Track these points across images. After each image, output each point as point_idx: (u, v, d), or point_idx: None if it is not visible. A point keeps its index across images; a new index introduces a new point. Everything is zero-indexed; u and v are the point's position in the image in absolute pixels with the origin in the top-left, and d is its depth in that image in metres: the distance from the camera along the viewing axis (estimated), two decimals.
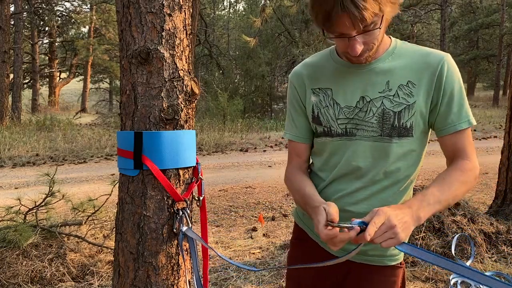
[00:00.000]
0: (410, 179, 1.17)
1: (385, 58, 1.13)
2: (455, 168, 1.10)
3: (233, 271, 3.00)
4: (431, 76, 1.09)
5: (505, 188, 3.88)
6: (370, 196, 1.15)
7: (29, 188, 5.61)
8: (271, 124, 14.30)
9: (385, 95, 1.11)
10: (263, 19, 13.44)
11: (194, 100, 1.19)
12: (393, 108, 1.10)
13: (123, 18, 1.13)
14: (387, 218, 0.93)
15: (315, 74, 1.21)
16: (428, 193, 1.02)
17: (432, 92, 1.10)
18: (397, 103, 1.10)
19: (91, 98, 27.86)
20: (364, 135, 1.13)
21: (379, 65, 1.13)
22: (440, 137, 1.14)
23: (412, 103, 1.10)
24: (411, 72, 1.11)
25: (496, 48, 23.84)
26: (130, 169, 1.14)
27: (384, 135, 1.11)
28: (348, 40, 1.01)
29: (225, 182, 6.19)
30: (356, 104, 1.14)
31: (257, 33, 16.11)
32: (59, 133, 11.16)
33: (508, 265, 3.02)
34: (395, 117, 1.10)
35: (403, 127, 1.11)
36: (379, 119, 1.11)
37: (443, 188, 1.04)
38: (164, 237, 1.15)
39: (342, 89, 1.16)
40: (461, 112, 1.10)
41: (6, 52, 12.65)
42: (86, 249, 3.08)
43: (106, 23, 21.78)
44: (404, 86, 1.10)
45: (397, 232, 0.92)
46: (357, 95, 1.14)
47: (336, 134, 1.16)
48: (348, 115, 1.14)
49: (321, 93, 1.19)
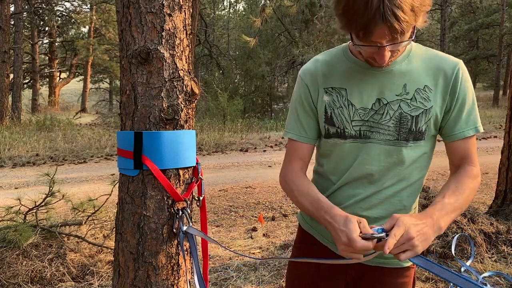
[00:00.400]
0: (421, 181, 1.18)
1: (402, 61, 1.12)
2: (465, 175, 1.10)
3: (233, 271, 3.00)
4: (446, 81, 1.10)
5: (505, 188, 3.88)
6: (384, 201, 1.15)
7: (29, 188, 5.61)
8: (271, 124, 14.30)
9: (402, 99, 1.10)
10: (263, 19, 13.44)
11: (194, 100, 1.19)
12: (410, 112, 1.09)
13: (123, 18, 1.13)
14: (406, 229, 0.92)
15: (328, 72, 1.17)
16: (446, 202, 1.02)
17: (447, 97, 1.10)
18: (415, 107, 1.10)
19: (91, 98, 27.86)
20: (380, 138, 1.12)
21: (396, 67, 1.11)
22: (448, 142, 1.15)
23: (429, 107, 1.10)
24: (427, 77, 1.11)
25: (496, 48, 23.84)
26: (130, 169, 1.14)
27: (400, 139, 1.11)
28: (378, 49, 1.00)
29: (225, 182, 6.19)
30: (371, 106, 1.11)
31: (257, 33, 16.13)
32: (59, 133, 11.16)
33: (508, 265, 3.02)
34: (412, 121, 1.10)
35: (419, 131, 1.11)
36: (396, 122, 1.10)
37: (457, 197, 1.04)
38: (164, 237, 1.15)
39: (357, 89, 1.13)
40: (470, 119, 1.11)
41: (6, 52, 12.65)
42: (86, 249, 3.08)
43: (106, 23, 21.79)
44: (421, 90, 1.10)
45: (415, 245, 0.92)
46: (373, 97, 1.11)
47: (349, 136, 1.14)
48: (363, 117, 1.12)
49: (334, 93, 1.15)
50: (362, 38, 0.97)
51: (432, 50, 1.16)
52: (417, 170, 1.15)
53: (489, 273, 2.87)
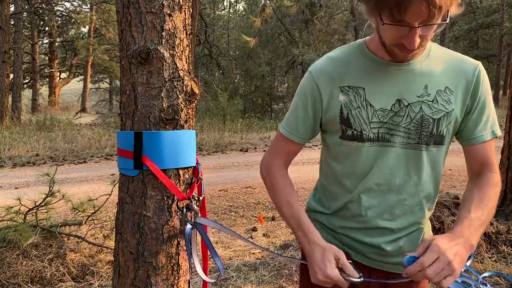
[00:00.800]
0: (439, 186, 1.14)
1: (422, 60, 1.07)
2: (487, 184, 1.06)
3: (233, 271, 3.00)
4: (467, 84, 1.06)
5: (505, 188, 3.88)
6: (407, 210, 1.10)
7: (29, 188, 5.61)
8: (271, 124, 14.30)
9: (423, 100, 1.05)
10: (263, 19, 13.45)
11: (194, 100, 1.19)
12: (432, 115, 1.05)
13: (123, 18, 1.13)
14: (442, 253, 0.87)
15: (343, 70, 1.10)
16: (473, 217, 0.97)
17: (468, 100, 1.06)
18: (436, 110, 1.05)
19: (91, 98, 27.86)
20: (400, 141, 1.06)
21: (417, 67, 1.06)
22: (467, 146, 1.10)
23: (450, 110, 1.05)
24: (447, 78, 1.06)
25: (496, 48, 23.85)
26: (130, 169, 1.14)
27: (421, 142, 1.06)
28: (408, 31, 0.92)
29: (225, 182, 6.19)
30: (391, 107, 1.05)
31: (257, 33, 16.15)
32: (59, 133, 11.17)
33: (508, 265, 3.02)
34: (434, 125, 1.05)
35: (440, 134, 1.06)
36: (417, 125, 1.05)
37: (483, 210, 1.00)
38: (164, 237, 1.15)
39: (376, 89, 1.06)
40: (488, 122, 1.08)
41: (6, 52, 12.65)
42: (86, 249, 3.08)
43: (106, 23, 21.80)
44: (443, 92, 1.05)
45: (454, 268, 0.87)
46: (393, 98, 1.05)
47: (367, 138, 1.07)
48: (382, 119, 1.06)
49: (351, 92, 1.08)
50: (396, 14, 0.89)
51: (449, 51, 1.12)
52: (436, 175, 1.11)
53: (489, 273, 2.87)
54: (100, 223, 3.47)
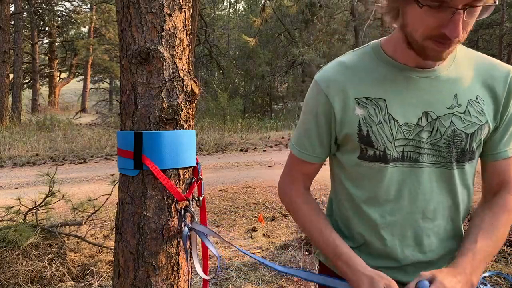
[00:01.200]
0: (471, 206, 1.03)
1: (448, 65, 0.92)
2: (503, 208, 0.94)
3: (233, 271, 3.00)
4: (500, 93, 0.92)
5: None
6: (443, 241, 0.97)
7: (29, 188, 5.61)
8: (271, 124, 14.32)
9: (454, 112, 0.90)
10: (263, 19, 13.46)
11: (194, 100, 1.19)
12: (465, 129, 0.90)
13: (123, 18, 1.13)
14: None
15: (358, 78, 0.94)
16: (478, 249, 0.87)
17: (500, 111, 0.93)
18: (470, 123, 0.90)
19: (91, 98, 27.86)
20: (429, 160, 0.91)
21: (443, 73, 0.91)
22: (488, 162, 0.97)
23: (484, 123, 0.91)
24: (478, 85, 0.92)
25: (496, 48, 23.85)
26: (130, 169, 1.14)
27: (453, 161, 0.92)
28: (451, 15, 0.76)
29: (225, 182, 6.19)
30: (417, 122, 0.90)
31: (257, 33, 16.15)
32: (59, 133, 11.17)
33: (508, 265, 3.02)
34: (467, 140, 0.91)
35: (472, 150, 0.92)
36: (449, 142, 0.90)
37: (491, 239, 0.89)
38: (164, 237, 1.15)
39: (398, 100, 0.91)
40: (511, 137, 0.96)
41: (6, 52, 12.66)
42: (86, 249, 3.08)
43: (106, 23, 21.79)
44: (474, 102, 0.91)
45: None
46: (419, 110, 0.90)
47: (391, 159, 0.92)
48: (407, 135, 0.90)
49: (370, 105, 0.92)
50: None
51: (475, 52, 0.98)
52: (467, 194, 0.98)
53: (489, 273, 2.86)
54: (100, 223, 3.47)
